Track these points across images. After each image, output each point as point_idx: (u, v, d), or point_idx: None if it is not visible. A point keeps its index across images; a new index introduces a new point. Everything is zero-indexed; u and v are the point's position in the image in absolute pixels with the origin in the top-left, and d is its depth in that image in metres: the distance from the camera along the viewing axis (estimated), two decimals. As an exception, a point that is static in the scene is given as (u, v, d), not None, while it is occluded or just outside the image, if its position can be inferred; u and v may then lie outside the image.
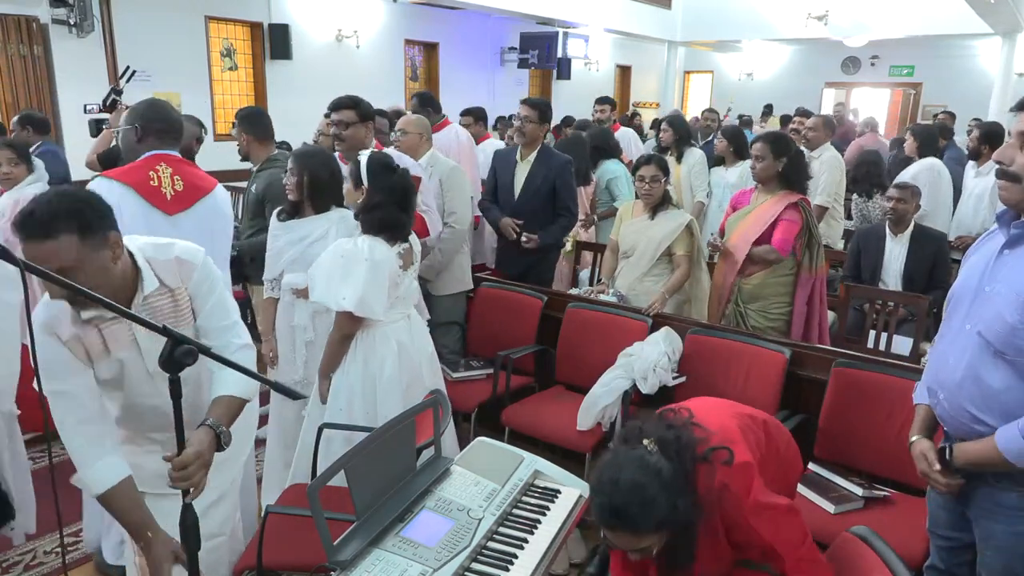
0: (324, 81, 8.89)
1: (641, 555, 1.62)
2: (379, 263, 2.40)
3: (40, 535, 2.89)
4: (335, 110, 3.24)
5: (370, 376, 2.50)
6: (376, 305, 2.41)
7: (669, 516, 1.54)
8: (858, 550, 1.60)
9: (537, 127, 3.88)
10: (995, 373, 1.60)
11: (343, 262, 2.39)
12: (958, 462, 1.70)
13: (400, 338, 2.55)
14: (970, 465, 1.68)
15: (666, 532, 1.58)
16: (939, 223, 4.77)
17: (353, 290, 2.36)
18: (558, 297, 3.66)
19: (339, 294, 2.37)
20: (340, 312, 2.42)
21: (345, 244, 2.44)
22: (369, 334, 2.50)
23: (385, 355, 2.51)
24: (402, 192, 2.49)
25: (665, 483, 1.54)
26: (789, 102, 11.68)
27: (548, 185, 3.87)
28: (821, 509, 2.41)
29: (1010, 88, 10.55)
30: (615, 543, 1.62)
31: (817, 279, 3.38)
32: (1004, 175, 1.64)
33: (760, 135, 3.58)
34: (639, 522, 1.53)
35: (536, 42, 11.78)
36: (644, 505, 1.52)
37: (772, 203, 3.33)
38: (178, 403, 1.51)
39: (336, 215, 2.78)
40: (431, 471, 1.80)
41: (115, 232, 1.63)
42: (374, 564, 1.48)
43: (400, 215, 2.49)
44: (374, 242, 2.43)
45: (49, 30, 6.61)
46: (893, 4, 11.21)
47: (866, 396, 2.60)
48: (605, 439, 2.96)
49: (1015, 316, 1.55)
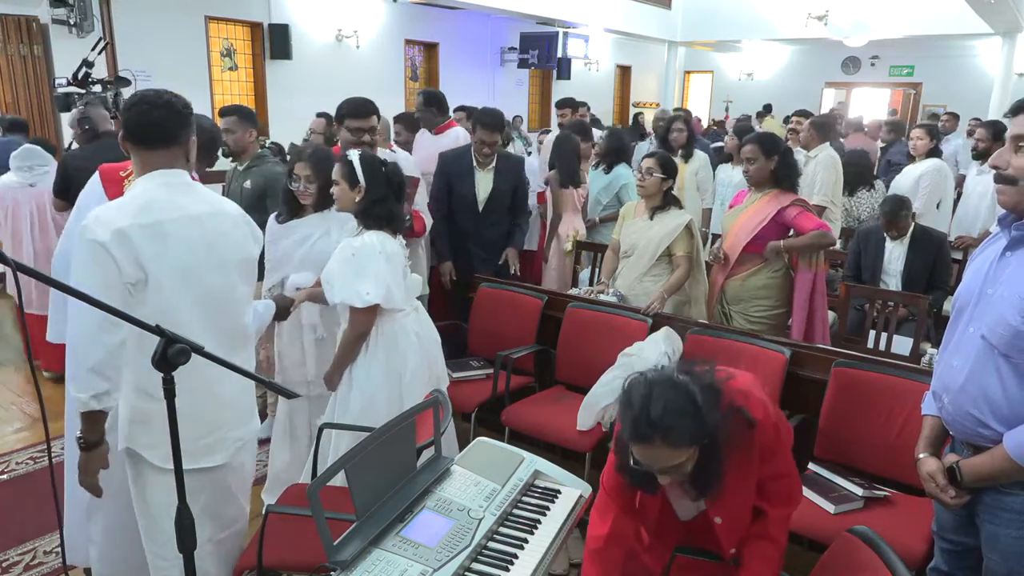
0: (324, 81, 8.90)
1: (673, 474, 1.60)
2: (392, 255, 2.44)
3: (40, 535, 2.89)
4: (364, 117, 3.23)
5: (394, 372, 2.49)
6: (398, 296, 2.45)
7: (703, 428, 1.53)
8: (858, 550, 1.60)
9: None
10: (999, 376, 1.60)
11: (355, 260, 2.40)
12: (968, 481, 1.69)
13: (416, 330, 2.58)
14: (980, 482, 1.67)
15: (698, 448, 1.57)
16: (942, 224, 4.78)
17: (376, 284, 2.38)
18: (558, 297, 3.66)
19: (362, 290, 2.37)
20: (357, 310, 2.41)
21: (354, 242, 2.45)
22: (388, 330, 2.50)
23: (407, 349, 2.52)
24: (398, 185, 2.54)
25: (696, 397, 1.54)
26: (789, 102, 11.68)
27: (511, 190, 3.91)
28: (821, 509, 2.41)
29: (1010, 88, 10.56)
30: (647, 461, 1.59)
31: (817, 275, 3.39)
32: (1001, 179, 1.64)
33: (749, 137, 3.58)
34: (675, 432, 1.51)
35: (536, 42, 11.79)
36: (681, 414, 1.51)
37: (764, 202, 3.34)
38: (172, 403, 1.51)
39: (336, 214, 2.78)
40: (431, 471, 1.80)
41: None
42: (374, 564, 1.48)
43: (399, 207, 2.54)
44: (382, 236, 2.45)
45: (49, 30, 6.61)
46: (893, 4, 11.21)
47: (866, 396, 2.59)
48: (605, 439, 2.96)
49: (1018, 318, 1.55)
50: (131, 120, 1.87)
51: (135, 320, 1.50)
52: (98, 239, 1.74)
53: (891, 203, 4.01)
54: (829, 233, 3.32)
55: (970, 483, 1.69)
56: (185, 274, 1.88)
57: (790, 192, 3.35)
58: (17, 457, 3.51)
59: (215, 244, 1.94)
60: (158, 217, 1.83)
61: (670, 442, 1.53)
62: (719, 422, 1.56)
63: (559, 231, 4.62)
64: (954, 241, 4.69)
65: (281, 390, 1.75)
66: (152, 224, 1.81)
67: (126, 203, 1.84)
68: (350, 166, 2.47)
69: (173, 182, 1.90)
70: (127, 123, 1.88)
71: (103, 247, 1.74)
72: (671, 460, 1.56)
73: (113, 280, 1.76)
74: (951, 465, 1.74)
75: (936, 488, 1.75)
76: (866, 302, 3.76)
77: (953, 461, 1.74)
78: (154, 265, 1.81)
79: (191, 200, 1.93)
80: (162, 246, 1.82)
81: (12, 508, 3.11)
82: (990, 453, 1.63)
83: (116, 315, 1.47)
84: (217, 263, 1.95)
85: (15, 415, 4.04)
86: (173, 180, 1.90)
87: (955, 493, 1.72)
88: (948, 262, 4.02)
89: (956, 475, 1.71)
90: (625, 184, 4.78)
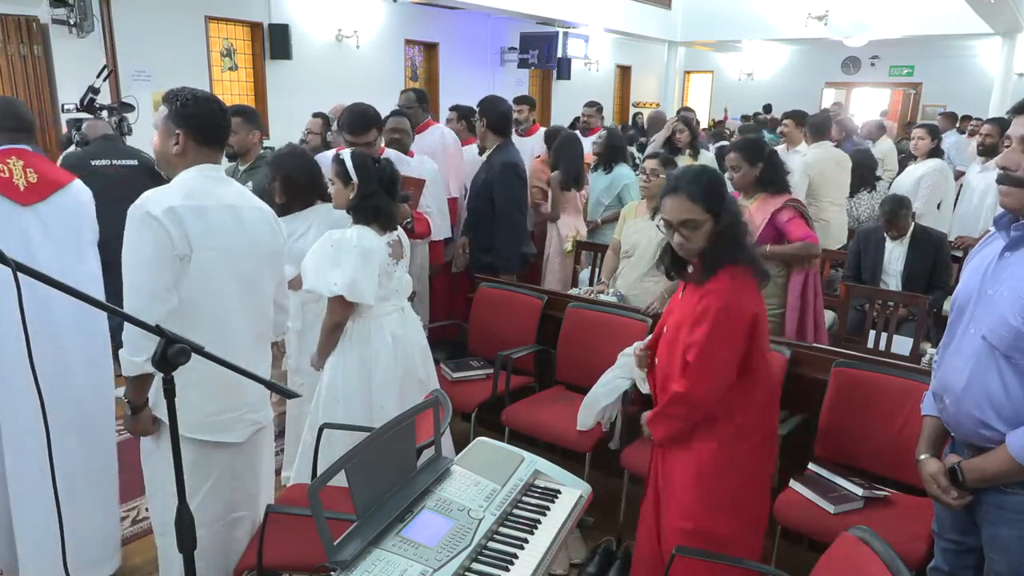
0: (324, 81, 8.90)
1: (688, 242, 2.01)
2: (369, 250, 2.49)
3: (40, 535, 2.88)
4: (360, 133, 3.27)
5: (366, 369, 2.56)
6: (366, 291, 2.49)
7: (717, 199, 1.99)
8: (858, 550, 1.60)
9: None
10: (1001, 377, 1.59)
11: (333, 251, 2.47)
12: (970, 482, 1.69)
13: (394, 330, 2.62)
14: (983, 483, 1.67)
15: (711, 218, 1.98)
16: (942, 224, 4.77)
17: (343, 276, 2.44)
18: (558, 297, 3.66)
19: (330, 280, 2.45)
20: (331, 299, 2.49)
21: (335, 234, 2.52)
22: (363, 326, 2.57)
23: (380, 347, 2.58)
24: (390, 181, 2.59)
25: (721, 179, 2.10)
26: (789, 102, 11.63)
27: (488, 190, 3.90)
28: (821, 509, 2.41)
29: (1010, 88, 10.56)
30: (670, 213, 2.02)
31: (810, 273, 3.35)
32: (1009, 180, 1.61)
33: (732, 144, 3.55)
34: (692, 188, 1.98)
35: (536, 42, 11.78)
36: (699, 176, 2.03)
37: (756, 208, 3.28)
38: (172, 403, 1.52)
39: (320, 210, 2.95)
40: (431, 471, 1.80)
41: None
42: (374, 564, 1.48)
43: (390, 203, 2.59)
44: (364, 231, 2.52)
45: (49, 30, 6.60)
46: (893, 4, 11.21)
47: (866, 396, 2.59)
48: (605, 439, 2.96)
49: (1019, 319, 1.54)
50: (203, 119, 2.04)
51: (134, 320, 1.52)
52: (152, 213, 1.90)
53: (891, 203, 4.01)
54: (815, 245, 3.24)
55: (972, 484, 1.68)
56: (223, 254, 2.03)
57: (780, 194, 3.32)
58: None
59: (249, 233, 2.10)
60: (201, 201, 2.00)
61: (688, 193, 1.98)
62: (734, 209, 2.02)
63: (560, 231, 4.62)
64: (954, 241, 4.68)
65: (281, 390, 1.75)
66: (196, 207, 1.98)
67: (173, 188, 2.00)
68: (343, 165, 2.55)
69: (213, 175, 2.08)
70: (196, 119, 2.02)
71: (157, 220, 1.90)
72: (684, 213, 1.99)
73: (166, 251, 1.92)
74: (952, 466, 1.73)
75: (938, 489, 1.75)
76: (866, 302, 3.76)
77: (955, 462, 1.73)
78: (199, 242, 1.97)
79: (228, 192, 2.10)
80: (205, 226, 1.98)
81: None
82: (993, 453, 1.63)
83: (108, 311, 1.50)
84: (251, 250, 2.11)
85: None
86: (213, 174, 2.08)
87: (957, 494, 1.71)
88: (948, 262, 4.02)
89: (958, 476, 1.71)
90: (627, 184, 4.76)
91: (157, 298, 1.91)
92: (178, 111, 2.01)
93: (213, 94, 2.14)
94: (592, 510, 2.13)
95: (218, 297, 2.04)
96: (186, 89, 2.06)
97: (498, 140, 3.97)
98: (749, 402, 2.05)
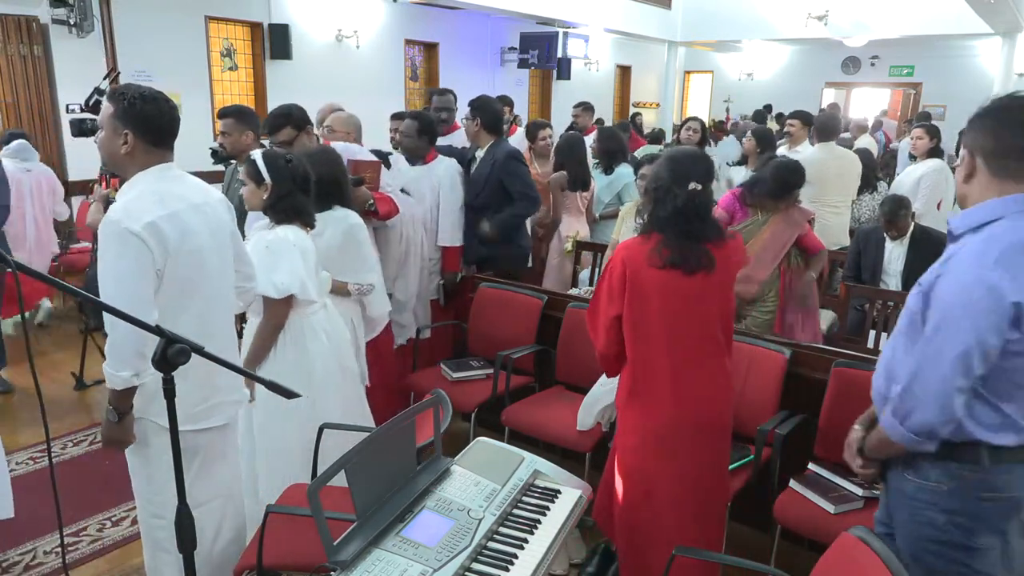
0: (324, 81, 8.88)
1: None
2: (305, 249, 2.52)
3: (40, 535, 2.89)
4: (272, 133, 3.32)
5: (304, 371, 2.54)
6: (312, 288, 2.51)
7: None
8: (858, 550, 1.60)
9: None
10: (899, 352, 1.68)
11: (268, 252, 2.46)
12: (867, 452, 1.78)
13: (324, 327, 2.63)
14: (872, 452, 1.75)
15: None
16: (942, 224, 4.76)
17: (291, 275, 2.44)
18: (558, 297, 3.66)
19: (276, 280, 2.44)
20: (272, 301, 2.47)
21: (267, 235, 2.52)
22: (296, 327, 2.56)
23: (316, 348, 2.58)
24: (303, 179, 2.58)
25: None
26: (789, 102, 11.65)
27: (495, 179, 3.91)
28: (821, 509, 2.41)
29: (1010, 88, 10.44)
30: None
31: (793, 272, 3.51)
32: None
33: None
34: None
35: (536, 42, 11.77)
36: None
37: (783, 229, 3.40)
38: (172, 403, 1.52)
39: (337, 215, 2.87)
40: (431, 471, 1.80)
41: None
42: (374, 564, 1.48)
43: (306, 201, 2.58)
44: (293, 229, 2.52)
45: (49, 30, 6.60)
46: (893, 4, 11.20)
47: (866, 396, 2.54)
48: (605, 439, 2.96)
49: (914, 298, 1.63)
50: (149, 117, 1.95)
51: (137, 321, 1.53)
52: (132, 230, 1.86)
53: (891, 203, 4.01)
54: (826, 252, 3.63)
55: (869, 455, 1.77)
56: (196, 255, 2.03)
57: (792, 203, 3.40)
58: (17, 457, 3.50)
59: (215, 230, 2.11)
60: (174, 208, 1.98)
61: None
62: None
63: (560, 231, 4.62)
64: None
65: (281, 389, 1.74)
66: (170, 215, 1.96)
67: (143, 197, 1.95)
68: (254, 165, 2.52)
69: (171, 175, 2.03)
70: (143, 119, 1.94)
71: (138, 237, 1.87)
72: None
73: (147, 267, 1.90)
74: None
75: (849, 456, 1.84)
76: (866, 302, 3.76)
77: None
78: (176, 248, 1.96)
79: (188, 190, 2.07)
80: (180, 233, 1.97)
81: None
82: (877, 427, 1.72)
83: (119, 316, 1.51)
84: (218, 245, 2.12)
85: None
86: (170, 174, 2.03)
87: (862, 462, 1.79)
88: (948, 262, 4.02)
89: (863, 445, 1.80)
90: (627, 184, 4.78)
91: (141, 315, 1.81)
92: (125, 110, 1.94)
93: (161, 92, 2.03)
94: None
95: (197, 296, 2.04)
96: (133, 86, 1.98)
97: (491, 139, 4.04)
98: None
